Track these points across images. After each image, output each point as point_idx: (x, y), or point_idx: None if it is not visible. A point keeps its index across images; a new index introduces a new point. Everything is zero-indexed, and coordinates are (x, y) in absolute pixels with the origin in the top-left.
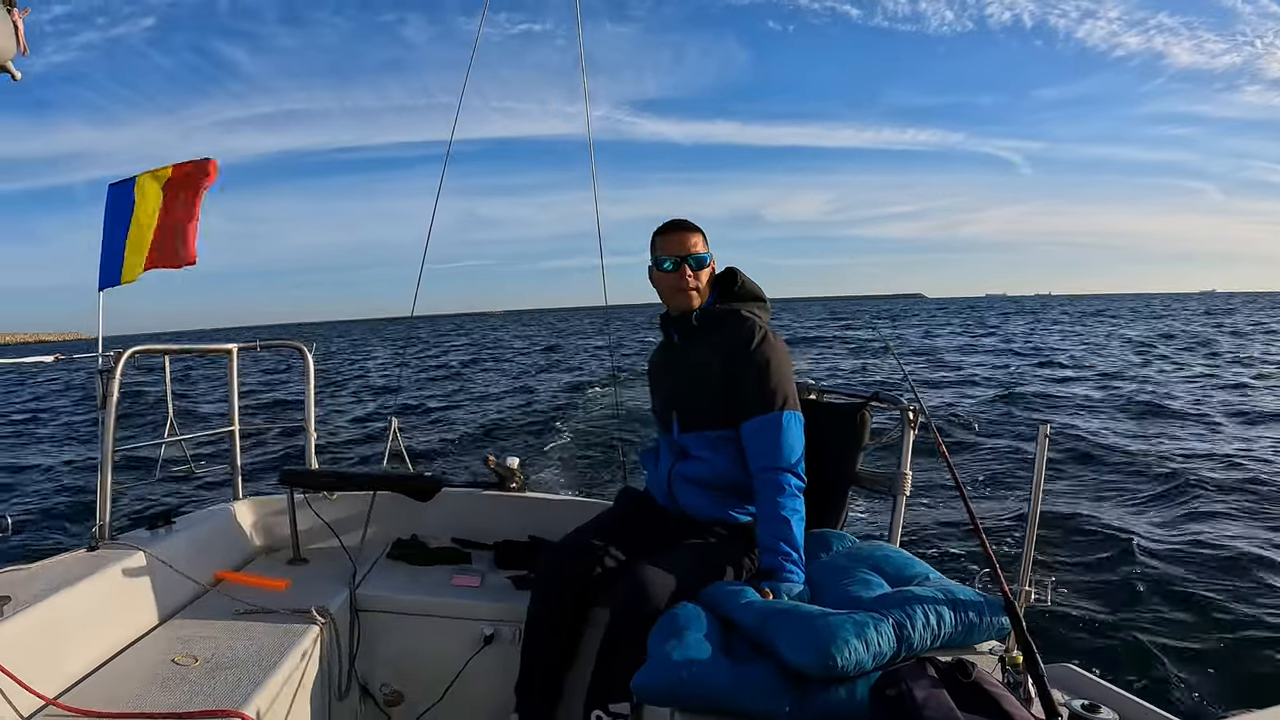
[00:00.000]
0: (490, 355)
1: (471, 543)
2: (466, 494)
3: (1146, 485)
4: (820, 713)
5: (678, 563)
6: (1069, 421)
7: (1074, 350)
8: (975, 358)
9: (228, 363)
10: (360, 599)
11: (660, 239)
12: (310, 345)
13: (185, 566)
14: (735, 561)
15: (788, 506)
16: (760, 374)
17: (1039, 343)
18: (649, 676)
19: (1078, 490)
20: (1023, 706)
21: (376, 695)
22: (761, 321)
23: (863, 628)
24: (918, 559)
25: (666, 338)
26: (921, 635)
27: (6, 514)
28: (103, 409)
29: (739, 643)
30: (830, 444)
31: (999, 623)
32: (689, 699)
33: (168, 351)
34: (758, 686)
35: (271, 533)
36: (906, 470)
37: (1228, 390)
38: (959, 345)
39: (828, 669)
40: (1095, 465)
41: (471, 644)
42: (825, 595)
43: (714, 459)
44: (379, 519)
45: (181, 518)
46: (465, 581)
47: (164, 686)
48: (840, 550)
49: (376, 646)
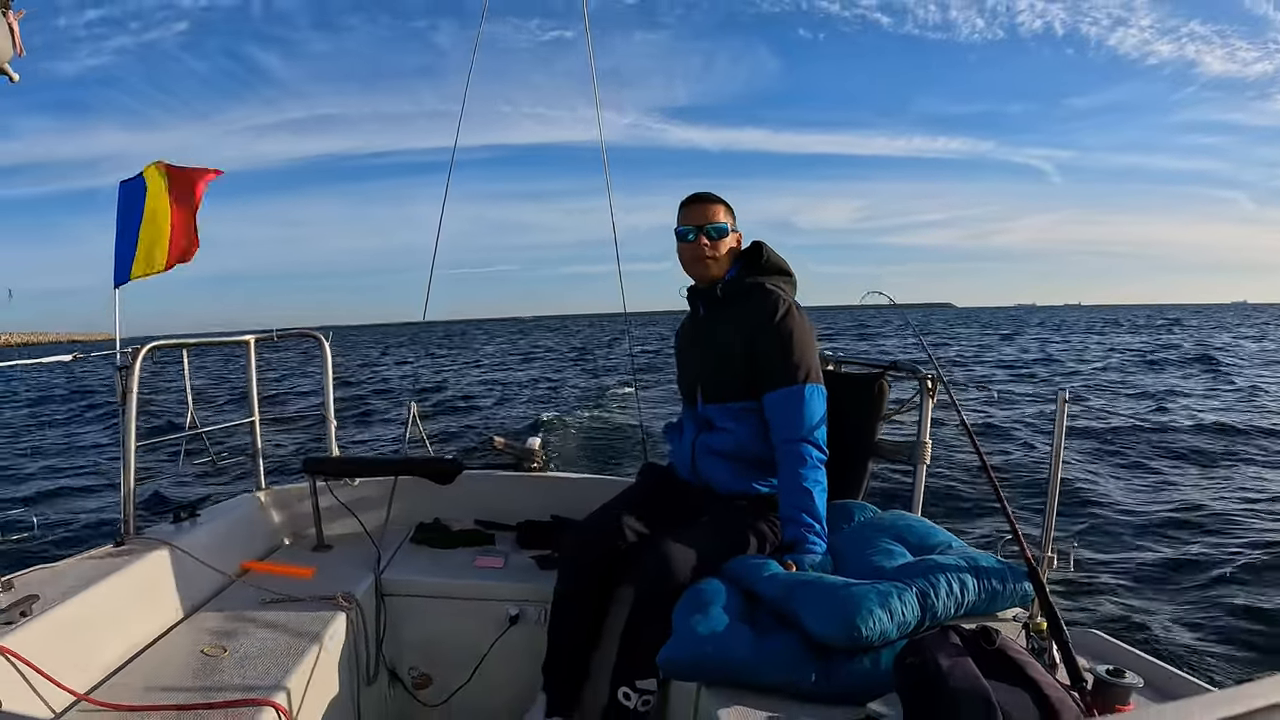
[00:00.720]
0: (520, 355)
1: (494, 524)
2: (487, 476)
3: (1170, 454)
4: (845, 683)
5: (701, 537)
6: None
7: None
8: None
9: (246, 354)
10: (385, 584)
11: (682, 210)
12: (328, 335)
13: (211, 558)
14: (758, 534)
15: (809, 478)
16: (783, 346)
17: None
18: (674, 651)
19: (1099, 457)
20: (1048, 673)
21: (405, 678)
22: (786, 295)
23: (886, 597)
24: (940, 527)
25: (692, 310)
26: (945, 604)
27: (32, 513)
28: (123, 405)
29: (763, 615)
30: (849, 414)
31: (1022, 589)
32: (714, 672)
33: (185, 345)
34: (782, 658)
35: (295, 521)
36: (926, 439)
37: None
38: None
39: (852, 639)
40: (1125, 436)
41: (497, 625)
42: (848, 565)
43: (737, 430)
44: (401, 503)
45: (206, 510)
46: (489, 563)
47: (194, 678)
48: (862, 520)
49: (403, 630)
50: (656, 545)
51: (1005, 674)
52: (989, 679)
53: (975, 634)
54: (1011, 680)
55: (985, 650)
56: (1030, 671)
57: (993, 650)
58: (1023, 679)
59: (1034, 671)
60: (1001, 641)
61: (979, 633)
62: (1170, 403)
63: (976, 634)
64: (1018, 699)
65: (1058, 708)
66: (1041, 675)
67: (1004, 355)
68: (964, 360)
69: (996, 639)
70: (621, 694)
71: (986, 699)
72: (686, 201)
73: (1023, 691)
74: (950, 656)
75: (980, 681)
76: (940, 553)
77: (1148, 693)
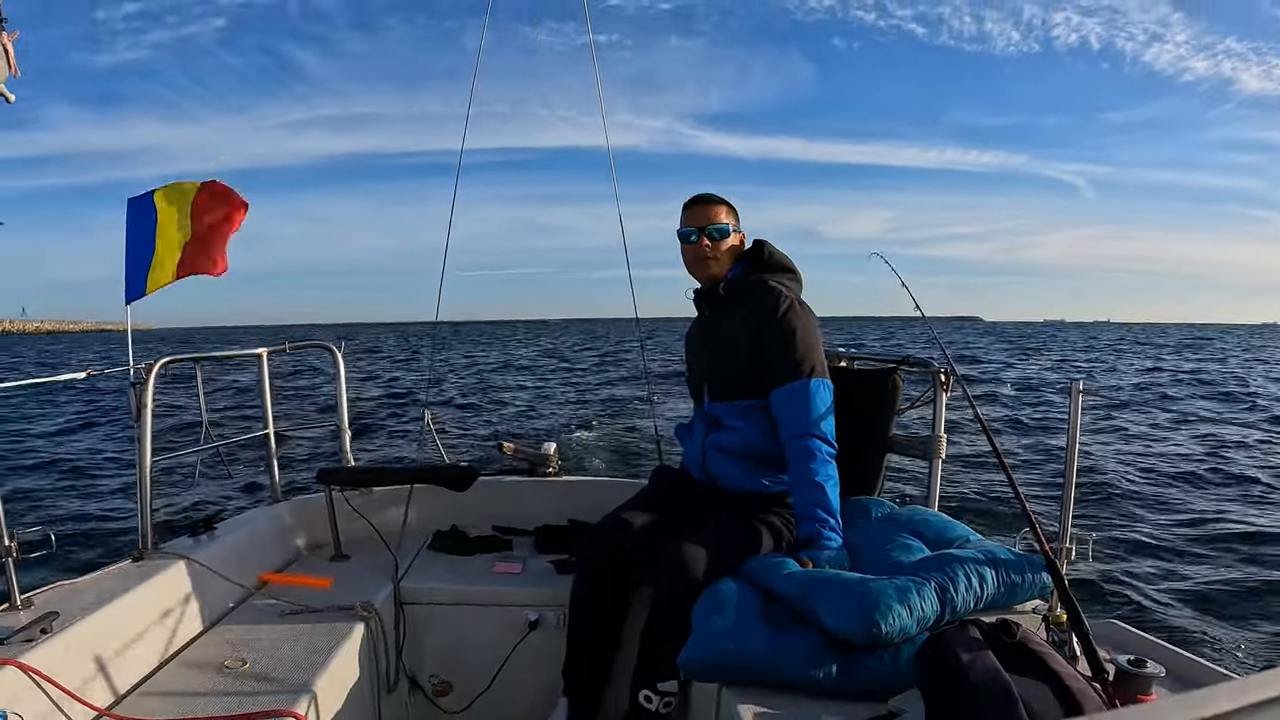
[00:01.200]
0: (548, 359)
1: (511, 529)
2: (503, 481)
3: (1190, 445)
4: (866, 679)
5: (716, 537)
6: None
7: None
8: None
9: (258, 367)
10: (404, 592)
11: (684, 212)
12: (339, 344)
13: (229, 571)
14: (773, 531)
15: (820, 473)
16: (787, 342)
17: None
18: (695, 651)
19: (1117, 448)
20: (1069, 664)
21: (425, 686)
22: (789, 291)
23: (905, 592)
24: (957, 521)
25: (698, 311)
26: (964, 597)
27: (50, 530)
28: (138, 421)
29: (782, 613)
30: (863, 410)
31: (1041, 581)
32: (735, 671)
33: (198, 359)
34: (802, 655)
35: (312, 532)
36: (941, 433)
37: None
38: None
39: (872, 635)
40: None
41: (516, 630)
42: (865, 561)
43: (745, 428)
44: (418, 511)
45: (223, 523)
46: (507, 568)
47: (215, 691)
48: (878, 516)
49: (423, 638)
50: (673, 547)
51: (1026, 667)
52: (1010, 672)
53: (995, 627)
54: (1033, 673)
55: (1006, 643)
56: (1051, 664)
57: (1013, 643)
58: (1044, 671)
59: (1055, 664)
60: (1022, 634)
61: (999, 626)
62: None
63: (997, 627)
64: (1039, 692)
65: (1080, 700)
66: (1063, 667)
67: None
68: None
69: (1017, 632)
70: (643, 696)
71: (1008, 692)
72: (689, 203)
73: (1044, 684)
74: (971, 650)
75: (1001, 675)
76: (958, 546)
77: (1170, 682)
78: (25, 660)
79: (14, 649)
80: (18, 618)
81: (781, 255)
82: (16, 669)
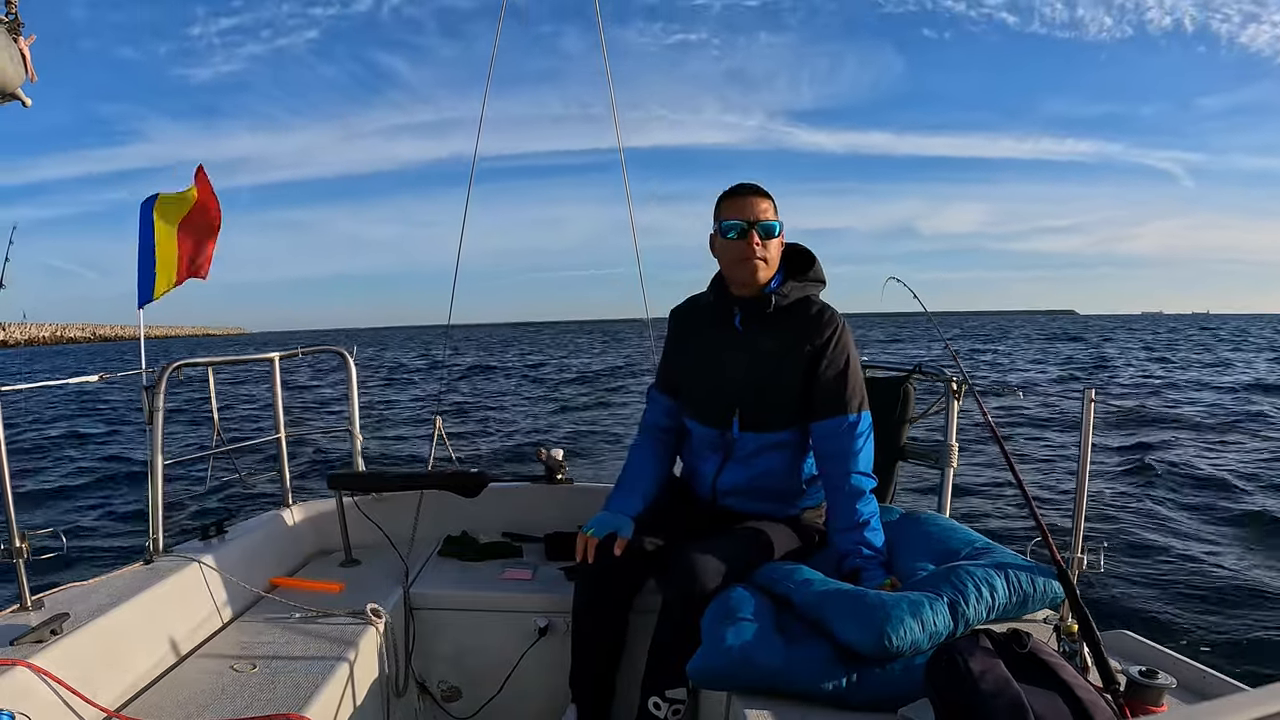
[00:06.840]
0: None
1: (521, 536)
2: (514, 488)
3: (1205, 452)
4: (877, 689)
5: (726, 545)
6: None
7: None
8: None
9: (271, 372)
10: (414, 597)
11: (726, 202)
12: (351, 349)
13: (240, 574)
14: (783, 540)
15: (864, 512)
16: (840, 374)
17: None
18: (704, 660)
19: (1128, 459)
20: (1080, 675)
21: (434, 692)
22: (834, 311)
23: (918, 607)
24: (968, 528)
25: (721, 317)
26: (976, 609)
27: (60, 531)
28: (150, 424)
29: (792, 623)
30: (876, 418)
31: (1053, 591)
32: (745, 680)
33: (211, 363)
34: (813, 665)
35: (323, 536)
36: (953, 441)
37: None
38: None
39: (883, 649)
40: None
41: (526, 637)
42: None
43: (767, 462)
44: (428, 517)
45: (233, 526)
46: (517, 575)
47: (224, 694)
48: (890, 524)
49: (432, 643)
50: (682, 554)
51: (1037, 677)
52: (1021, 682)
53: (1007, 637)
54: (1044, 683)
55: (1017, 653)
56: (1063, 674)
57: (1024, 653)
58: (1055, 682)
59: (1066, 674)
60: (1033, 644)
61: (1010, 636)
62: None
63: (1008, 637)
64: (1051, 702)
65: (1091, 711)
66: (1074, 678)
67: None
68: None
69: (1028, 642)
70: (652, 704)
71: (1019, 703)
72: (730, 192)
73: (1055, 695)
74: (982, 660)
75: (1012, 685)
76: (969, 555)
77: (1182, 693)
78: (35, 661)
79: (24, 650)
80: (28, 619)
81: (819, 264)
82: (27, 670)
